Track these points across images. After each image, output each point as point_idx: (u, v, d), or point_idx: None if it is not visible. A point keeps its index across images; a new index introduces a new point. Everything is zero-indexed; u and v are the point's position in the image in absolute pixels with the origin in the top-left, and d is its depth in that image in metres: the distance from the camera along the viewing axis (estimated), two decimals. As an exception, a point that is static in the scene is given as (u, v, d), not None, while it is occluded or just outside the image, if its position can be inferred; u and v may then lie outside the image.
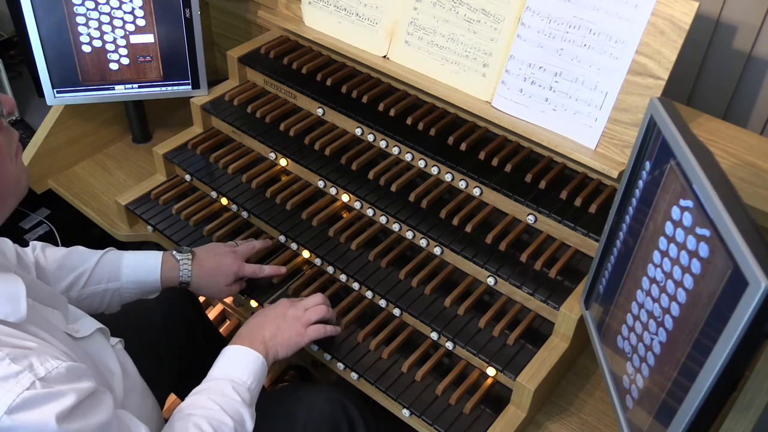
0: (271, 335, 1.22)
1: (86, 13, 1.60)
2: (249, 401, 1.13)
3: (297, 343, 1.24)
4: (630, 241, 1.02)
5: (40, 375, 0.83)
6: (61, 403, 0.83)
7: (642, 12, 1.22)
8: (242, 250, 1.40)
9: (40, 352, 0.86)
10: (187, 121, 1.72)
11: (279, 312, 1.26)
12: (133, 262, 1.32)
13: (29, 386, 0.82)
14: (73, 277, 1.26)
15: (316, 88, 1.61)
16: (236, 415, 1.09)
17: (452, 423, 1.20)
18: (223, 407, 1.08)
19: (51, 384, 0.84)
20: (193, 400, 1.10)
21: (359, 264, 1.39)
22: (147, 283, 1.33)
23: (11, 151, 0.91)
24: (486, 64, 1.42)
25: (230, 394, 1.11)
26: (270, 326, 1.23)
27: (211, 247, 1.40)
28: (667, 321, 0.89)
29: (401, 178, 1.46)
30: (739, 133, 1.35)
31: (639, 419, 0.97)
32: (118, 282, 1.30)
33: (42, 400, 0.82)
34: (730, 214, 0.75)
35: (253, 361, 1.17)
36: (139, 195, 1.62)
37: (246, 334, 1.22)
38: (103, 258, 1.30)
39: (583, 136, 1.33)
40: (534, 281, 1.28)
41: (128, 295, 1.33)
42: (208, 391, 1.11)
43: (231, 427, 1.07)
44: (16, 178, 0.91)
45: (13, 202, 0.93)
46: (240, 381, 1.13)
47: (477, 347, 1.25)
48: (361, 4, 1.55)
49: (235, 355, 1.18)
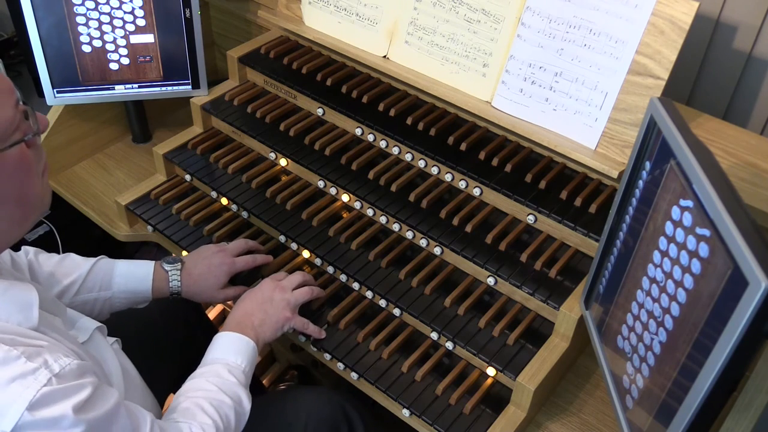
0: (260, 321, 1.26)
1: (86, 13, 1.60)
2: (244, 383, 1.18)
3: (284, 326, 1.29)
4: (630, 241, 1.02)
5: (55, 371, 0.86)
6: (77, 397, 0.87)
7: (642, 12, 1.22)
8: (232, 247, 1.41)
9: (51, 350, 0.89)
10: (187, 121, 1.72)
11: (266, 296, 1.29)
12: (125, 271, 1.33)
13: (47, 383, 0.85)
14: (65, 285, 1.27)
15: (316, 88, 1.61)
16: (234, 395, 1.14)
17: (452, 423, 1.20)
18: (221, 388, 1.13)
19: (66, 380, 0.87)
20: (192, 384, 1.15)
21: (359, 264, 1.39)
22: (138, 293, 1.34)
23: (39, 169, 0.95)
24: (486, 64, 1.42)
25: (226, 376, 1.16)
26: (258, 313, 1.27)
27: (199, 252, 1.40)
28: (667, 321, 0.89)
29: (401, 178, 1.46)
30: (739, 133, 1.35)
31: (639, 419, 0.97)
32: (109, 291, 1.31)
33: (60, 395, 0.86)
34: (730, 214, 0.75)
35: (244, 345, 1.22)
36: (139, 195, 1.62)
37: (235, 321, 1.26)
38: (96, 266, 1.31)
39: (583, 136, 1.33)
40: (534, 281, 1.28)
41: (119, 305, 1.34)
42: (205, 375, 1.16)
43: (230, 405, 1.12)
44: (41, 195, 0.96)
45: (36, 218, 0.97)
46: (234, 364, 1.18)
47: (477, 347, 1.25)
48: (361, 4, 1.55)
49: (227, 341, 1.22)
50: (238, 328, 1.23)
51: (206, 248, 1.40)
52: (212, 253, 1.38)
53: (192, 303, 1.55)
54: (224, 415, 1.10)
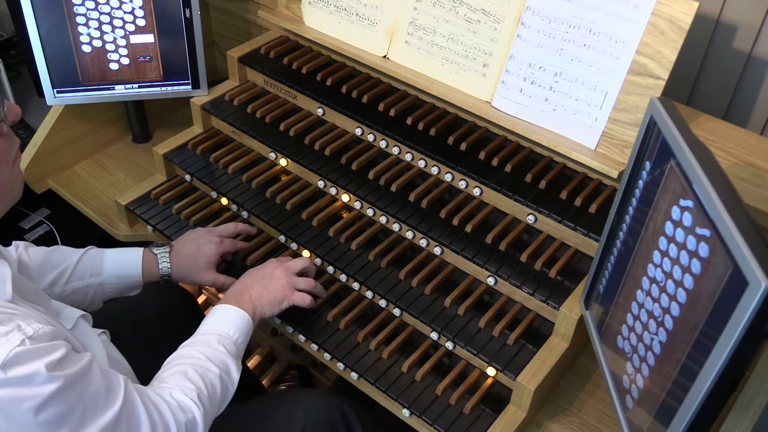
0: (258, 295, 1.27)
1: (86, 13, 1.60)
2: (235, 354, 1.18)
3: (282, 303, 1.29)
4: (630, 241, 1.02)
5: (29, 334, 0.88)
6: (50, 356, 0.89)
7: (642, 12, 1.22)
8: (221, 229, 1.43)
9: (24, 317, 0.90)
10: (187, 121, 1.72)
11: (267, 272, 1.31)
12: (114, 257, 1.35)
13: (20, 344, 0.86)
14: (56, 274, 1.29)
15: (316, 88, 1.61)
16: (222, 365, 1.14)
17: (452, 423, 1.20)
18: (209, 357, 1.14)
19: (39, 341, 0.89)
20: (181, 352, 1.16)
21: (359, 264, 1.39)
22: (129, 278, 1.36)
23: (10, 157, 0.96)
24: (486, 64, 1.42)
25: (216, 346, 1.16)
26: (257, 287, 1.28)
27: (187, 234, 1.43)
28: (667, 321, 0.89)
29: (401, 178, 1.46)
30: (739, 133, 1.35)
31: (639, 419, 0.97)
32: (100, 277, 1.34)
33: (33, 354, 0.87)
34: (730, 214, 0.75)
35: (239, 318, 1.22)
36: (139, 195, 1.62)
37: (233, 294, 1.27)
38: (85, 255, 1.34)
39: (583, 136, 1.33)
40: (534, 281, 1.28)
41: (110, 291, 1.36)
42: (195, 344, 1.17)
43: (216, 374, 1.12)
44: (11, 182, 0.97)
45: (5, 206, 0.98)
46: (226, 335, 1.19)
47: (477, 347, 1.25)
48: (361, 4, 1.55)
49: (222, 312, 1.23)
50: (234, 301, 1.24)
51: (194, 231, 1.43)
52: (201, 233, 1.41)
53: (189, 299, 1.56)
54: (209, 382, 1.10)
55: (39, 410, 0.87)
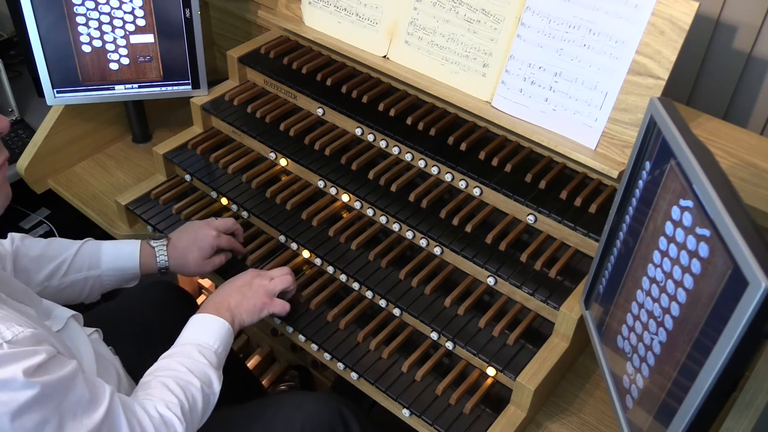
0: (237, 303, 1.26)
1: (86, 13, 1.60)
2: (216, 364, 1.17)
3: (261, 311, 1.28)
4: (630, 241, 1.02)
5: (7, 338, 0.88)
6: (29, 362, 0.88)
7: (642, 12, 1.22)
8: (218, 224, 1.43)
9: (5, 319, 0.90)
10: (187, 121, 1.72)
11: (245, 281, 1.30)
12: (112, 249, 1.36)
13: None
14: (54, 266, 1.30)
15: (316, 88, 1.61)
16: (203, 376, 1.13)
17: (452, 423, 1.20)
18: (190, 369, 1.13)
19: (18, 346, 0.88)
20: (161, 364, 1.15)
21: (359, 264, 1.39)
22: (126, 270, 1.36)
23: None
24: (486, 64, 1.42)
25: (197, 357, 1.15)
26: (236, 295, 1.27)
27: (185, 226, 1.43)
28: (667, 321, 0.89)
29: (401, 178, 1.46)
30: (739, 133, 1.35)
31: (639, 419, 0.97)
32: (98, 269, 1.34)
33: (9, 359, 0.87)
34: (730, 214, 0.75)
35: (218, 326, 1.21)
36: (139, 195, 1.62)
37: (212, 303, 1.26)
38: (83, 247, 1.34)
39: (583, 136, 1.33)
40: (534, 281, 1.28)
41: (108, 283, 1.37)
42: (175, 355, 1.16)
43: (198, 387, 1.11)
44: None
45: None
46: (206, 345, 1.18)
47: (477, 347, 1.25)
48: (361, 4, 1.55)
49: (201, 322, 1.22)
50: (213, 310, 1.24)
51: (192, 223, 1.43)
52: (199, 226, 1.41)
53: (188, 300, 1.56)
54: (190, 396, 1.10)
55: (15, 416, 0.86)
